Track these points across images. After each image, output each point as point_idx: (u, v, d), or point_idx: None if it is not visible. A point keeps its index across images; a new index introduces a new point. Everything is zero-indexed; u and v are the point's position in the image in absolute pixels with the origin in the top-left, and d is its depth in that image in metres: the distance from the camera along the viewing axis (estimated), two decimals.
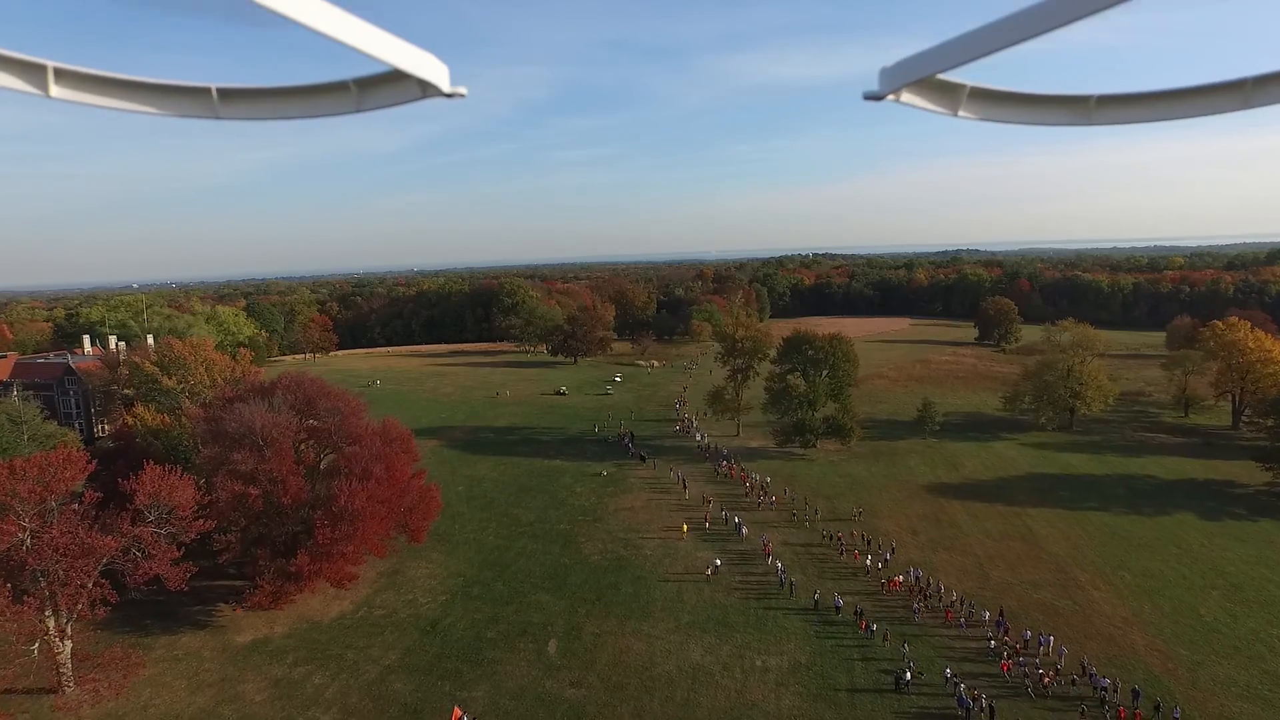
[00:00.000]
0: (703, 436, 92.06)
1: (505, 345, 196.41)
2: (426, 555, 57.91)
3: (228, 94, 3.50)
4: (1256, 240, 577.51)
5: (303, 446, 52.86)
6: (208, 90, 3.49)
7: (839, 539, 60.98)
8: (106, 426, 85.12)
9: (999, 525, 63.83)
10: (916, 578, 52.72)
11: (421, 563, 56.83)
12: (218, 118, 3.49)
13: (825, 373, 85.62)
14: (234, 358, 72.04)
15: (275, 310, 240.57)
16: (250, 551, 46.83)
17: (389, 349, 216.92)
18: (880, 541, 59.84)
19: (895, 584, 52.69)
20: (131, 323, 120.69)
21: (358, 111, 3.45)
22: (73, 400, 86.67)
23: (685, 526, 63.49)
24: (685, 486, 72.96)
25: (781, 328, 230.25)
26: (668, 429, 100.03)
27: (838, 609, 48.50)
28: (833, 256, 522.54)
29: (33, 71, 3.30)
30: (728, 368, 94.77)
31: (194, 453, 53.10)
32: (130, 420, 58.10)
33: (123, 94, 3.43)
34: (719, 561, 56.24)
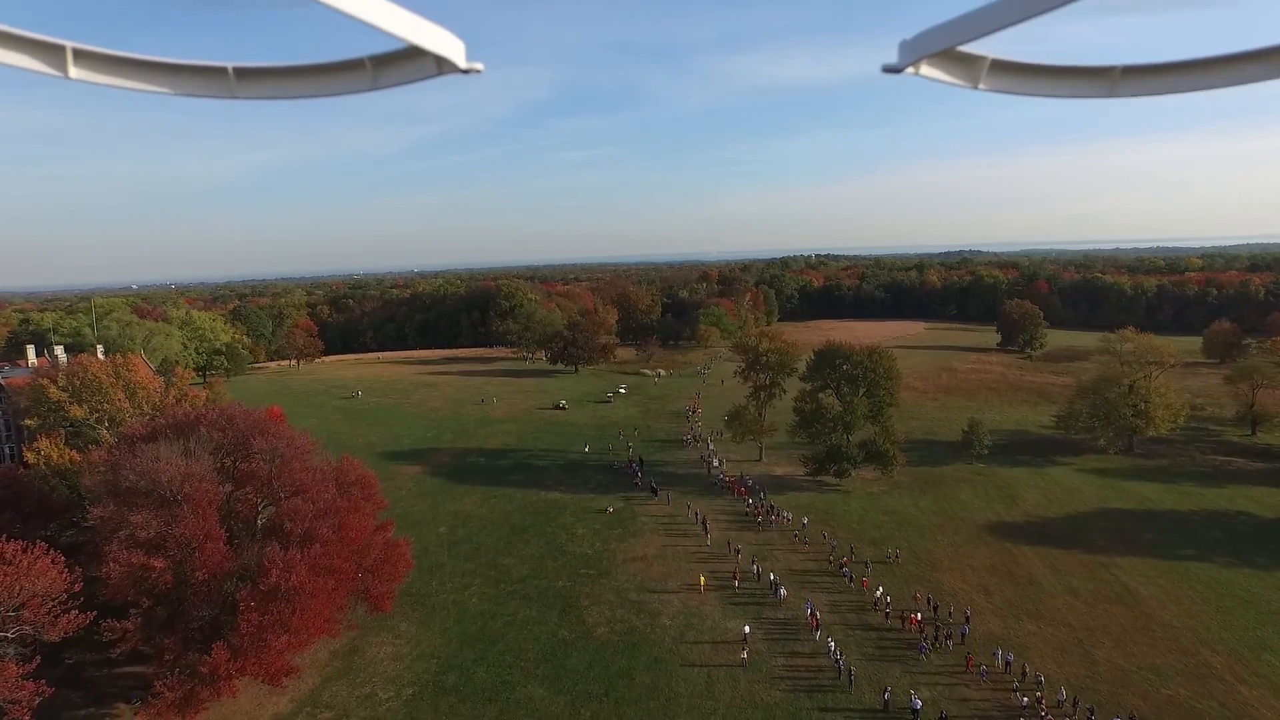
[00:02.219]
0: (720, 463, 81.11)
1: (502, 351, 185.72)
2: (394, 626, 47.07)
3: (244, 73, 3.45)
4: (1260, 241, 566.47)
5: (235, 498, 42.00)
6: (224, 70, 3.44)
7: (844, 563, 55.11)
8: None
9: (1087, 582, 52.94)
10: (1008, 663, 41.88)
11: (386, 637, 45.96)
12: (234, 97, 3.43)
13: (862, 391, 74.71)
14: (167, 383, 61.22)
15: (264, 314, 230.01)
16: (155, 640, 36.00)
17: (380, 354, 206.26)
18: (953, 606, 48.90)
19: (914, 621, 46.72)
20: (87, 330, 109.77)
21: (374, 89, 3.36)
22: (1, 422, 75.90)
23: (703, 580, 52.89)
24: (707, 530, 62.02)
25: (793, 331, 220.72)
26: (681, 452, 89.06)
27: (915, 711, 37.69)
28: (836, 257, 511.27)
29: (52, 52, 3.27)
30: (750, 384, 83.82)
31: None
32: (31, 457, 47.58)
33: (140, 74, 3.40)
34: (748, 629, 45.60)
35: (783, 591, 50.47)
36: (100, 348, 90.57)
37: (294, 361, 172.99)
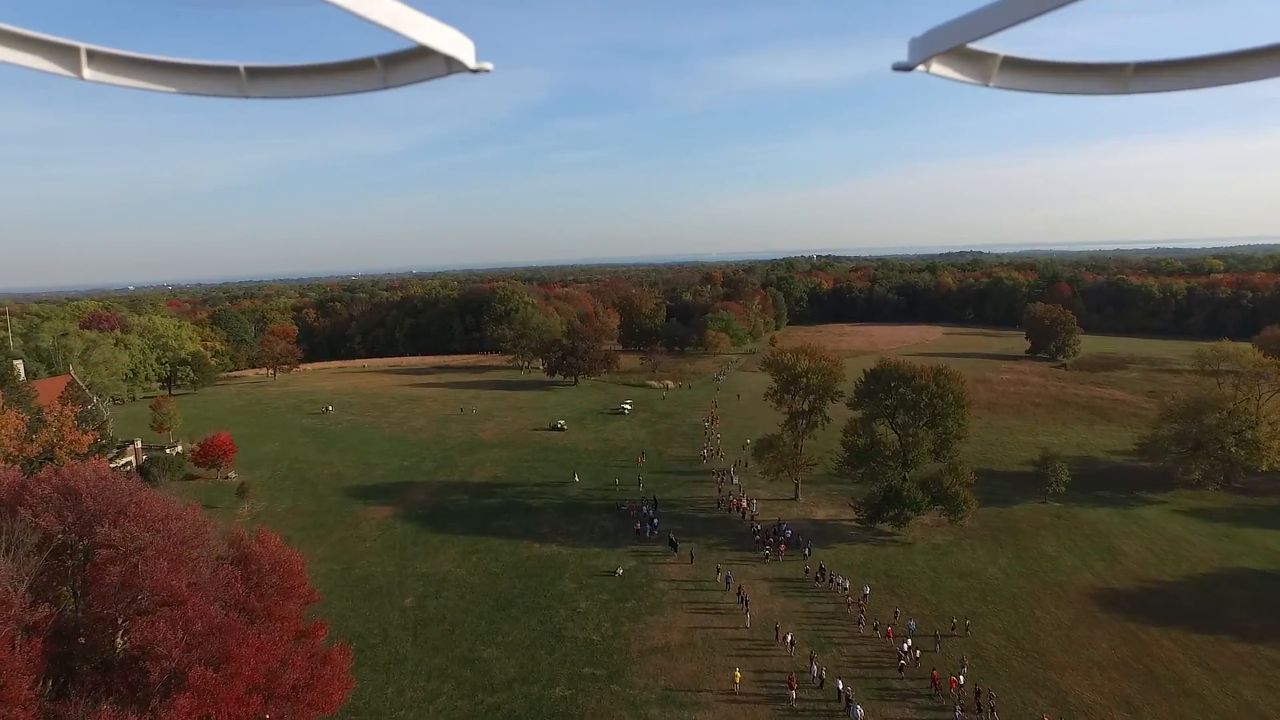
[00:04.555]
0: (750, 503, 67.85)
1: (495, 359, 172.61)
2: None
3: (255, 73, 3.41)
4: (1264, 241, 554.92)
5: (81, 615, 28.64)
6: (236, 69, 3.40)
7: (860, 605, 48.66)
8: None
9: (1266, 693, 39.68)
10: None
11: None
12: (246, 96, 3.40)
13: (924, 421, 61.52)
14: (58, 415, 47.72)
15: (245, 318, 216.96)
16: None
17: (366, 362, 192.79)
18: None
19: (952, 685, 39.61)
20: (17, 342, 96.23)
21: (384, 88, 3.35)
22: None
23: (739, 676, 40.08)
24: (746, 604, 48.76)
25: (804, 336, 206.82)
26: (700, 488, 75.70)
27: None
28: (837, 259, 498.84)
29: (66, 54, 3.26)
30: (784, 409, 70.47)
31: None
32: None
33: (153, 75, 3.38)
34: None
35: (859, 711, 37.20)
36: (20, 364, 77.47)
37: (269, 371, 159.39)
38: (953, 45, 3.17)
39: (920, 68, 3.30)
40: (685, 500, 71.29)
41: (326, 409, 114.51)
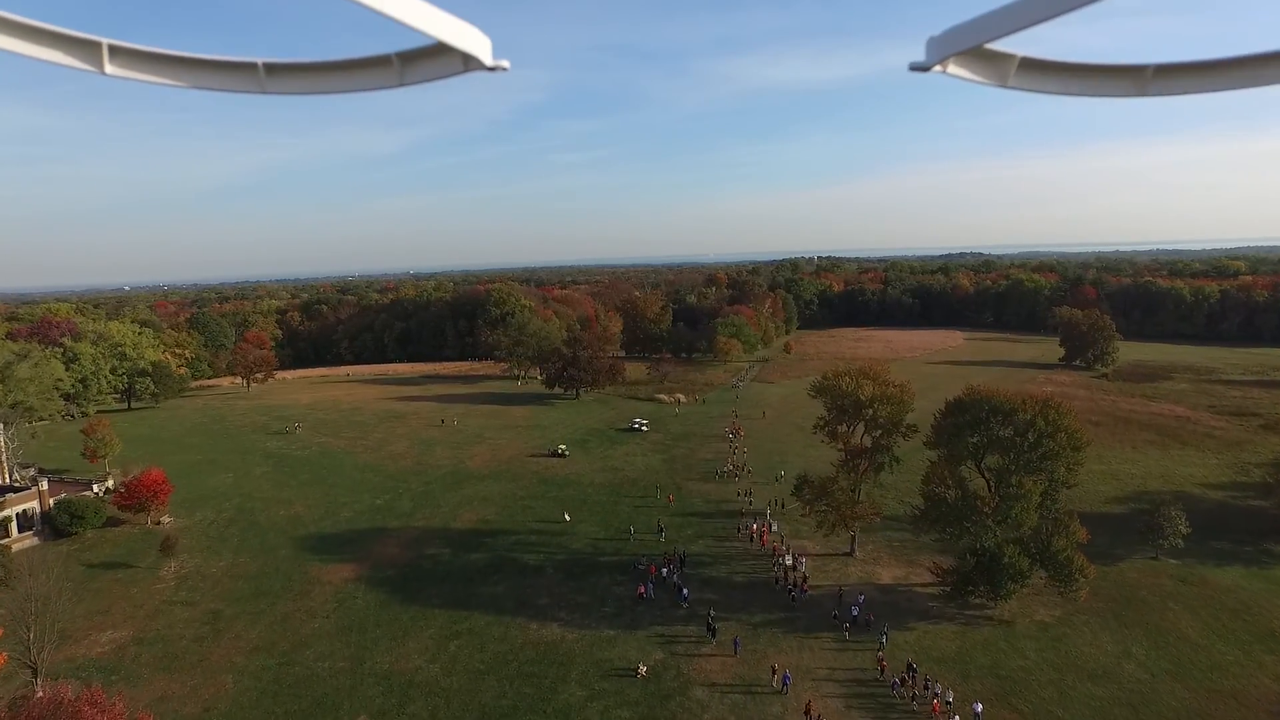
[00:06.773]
0: (798, 564, 54.63)
1: (490, 367, 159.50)
2: None
3: (274, 69, 3.39)
4: (1265, 243, 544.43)
5: None
6: (254, 65, 3.38)
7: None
8: None
9: None
10: None
11: None
12: (264, 92, 3.38)
13: (1024, 465, 48.38)
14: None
15: (224, 322, 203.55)
16: None
17: (350, 370, 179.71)
18: None
19: None
20: None
21: (401, 85, 3.31)
22: None
23: None
24: None
25: (817, 341, 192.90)
26: (731, 531, 62.39)
27: None
28: (840, 260, 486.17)
29: (88, 49, 3.25)
30: (839, 444, 57.11)
31: None
32: None
33: (173, 71, 3.36)
34: None
35: None
36: None
37: (242, 380, 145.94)
38: (971, 45, 3.07)
39: (938, 68, 3.19)
40: (715, 554, 58.07)
41: (295, 428, 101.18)
